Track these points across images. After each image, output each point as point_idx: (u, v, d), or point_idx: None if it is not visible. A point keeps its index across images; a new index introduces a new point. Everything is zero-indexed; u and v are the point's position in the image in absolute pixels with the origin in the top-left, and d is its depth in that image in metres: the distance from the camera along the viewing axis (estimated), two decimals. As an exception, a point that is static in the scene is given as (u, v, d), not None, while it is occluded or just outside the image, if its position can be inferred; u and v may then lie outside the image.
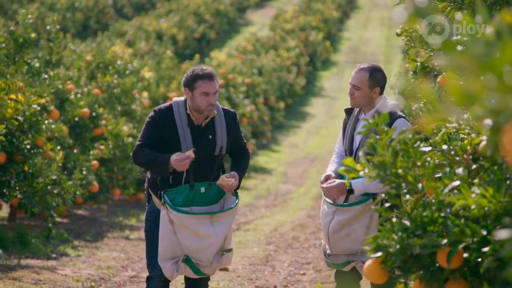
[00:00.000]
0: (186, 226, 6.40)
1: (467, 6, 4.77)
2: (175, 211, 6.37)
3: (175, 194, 6.45)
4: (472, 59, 2.31)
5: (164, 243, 6.45)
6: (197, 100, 6.50)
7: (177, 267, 6.48)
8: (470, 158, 3.84)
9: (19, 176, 10.71)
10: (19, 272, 9.65)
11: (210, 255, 6.50)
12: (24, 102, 10.37)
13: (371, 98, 6.35)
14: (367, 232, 6.15)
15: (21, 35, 12.64)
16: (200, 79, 6.52)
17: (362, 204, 6.17)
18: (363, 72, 6.37)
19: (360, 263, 6.22)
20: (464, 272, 3.71)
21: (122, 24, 40.87)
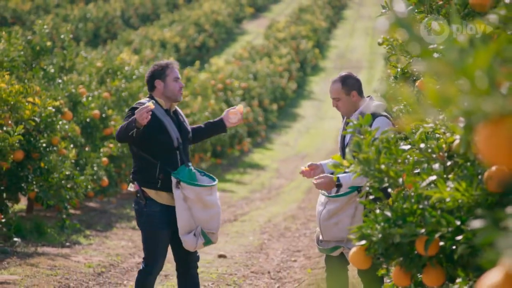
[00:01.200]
0: (200, 199, 6.55)
1: (443, 16, 4.77)
2: (193, 185, 6.52)
3: (179, 174, 6.55)
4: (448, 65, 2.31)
5: (182, 220, 6.55)
6: (171, 86, 6.74)
7: (197, 238, 6.60)
8: (445, 155, 3.84)
9: (36, 172, 10.71)
10: (36, 259, 9.65)
11: (218, 222, 6.74)
12: (40, 105, 10.36)
13: (353, 103, 6.47)
14: (352, 222, 6.21)
15: (38, 43, 12.63)
16: (168, 67, 6.77)
17: (348, 196, 6.23)
18: (336, 84, 6.52)
19: (347, 250, 6.26)
20: (440, 258, 3.72)
21: (129, 34, 40.82)
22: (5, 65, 10.83)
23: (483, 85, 2.27)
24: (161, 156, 6.58)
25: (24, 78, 11.44)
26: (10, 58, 11.01)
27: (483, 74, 2.26)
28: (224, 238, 12.36)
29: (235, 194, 18.85)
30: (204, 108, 22.08)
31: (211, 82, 25.11)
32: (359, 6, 60.87)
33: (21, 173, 10.60)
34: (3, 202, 10.63)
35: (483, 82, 2.27)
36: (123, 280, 9.21)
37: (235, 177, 21.91)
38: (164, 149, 6.59)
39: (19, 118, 10.05)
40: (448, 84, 2.33)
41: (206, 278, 9.24)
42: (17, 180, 10.58)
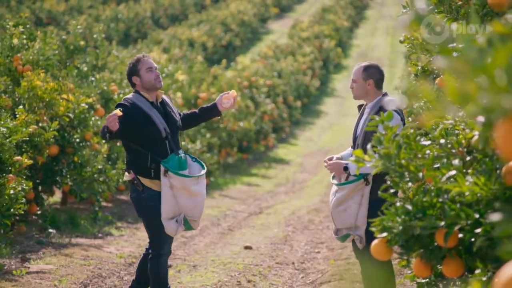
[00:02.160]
0: (185, 188, 6.62)
1: (462, 16, 4.75)
2: (179, 176, 6.59)
3: (168, 163, 6.62)
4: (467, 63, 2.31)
5: (166, 206, 6.64)
6: (146, 77, 6.78)
7: (179, 224, 6.68)
8: (465, 150, 3.83)
9: (70, 166, 10.78)
10: (70, 249, 9.71)
11: (200, 211, 6.79)
12: (74, 101, 10.43)
13: (366, 90, 6.55)
14: (359, 209, 6.31)
15: (72, 43, 12.71)
16: (139, 61, 6.82)
17: (354, 183, 6.32)
18: (359, 67, 6.66)
19: (357, 236, 6.34)
20: (459, 250, 3.71)
21: (159, 33, 40.92)
22: (40, 64, 10.89)
23: (502, 82, 2.26)
24: (151, 147, 6.67)
25: (58, 76, 11.51)
26: (45, 57, 11.08)
27: (502, 72, 2.26)
28: (250, 230, 12.38)
29: (261, 187, 18.86)
30: (231, 105, 22.07)
31: (237, 80, 25.12)
32: (381, 6, 60.61)
33: (56, 167, 10.67)
34: (39, 195, 10.71)
35: (502, 80, 2.26)
36: (153, 270, 9.24)
37: (260, 172, 21.92)
38: (153, 141, 6.68)
39: (54, 114, 10.12)
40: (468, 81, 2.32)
41: (232, 268, 9.26)
42: (52, 174, 10.65)
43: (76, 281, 8.21)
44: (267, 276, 8.98)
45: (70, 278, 8.27)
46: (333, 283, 8.42)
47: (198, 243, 11.11)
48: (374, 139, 3.90)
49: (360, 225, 6.36)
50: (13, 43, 10.81)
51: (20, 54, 10.72)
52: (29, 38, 11.43)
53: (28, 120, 8.95)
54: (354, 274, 8.59)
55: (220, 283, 8.45)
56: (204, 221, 13.25)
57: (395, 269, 8.21)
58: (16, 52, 10.76)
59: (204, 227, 12.62)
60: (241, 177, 20.58)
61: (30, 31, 11.65)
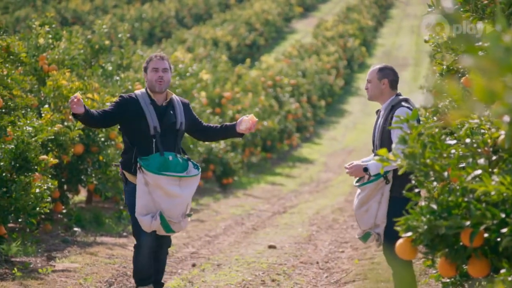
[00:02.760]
0: (160, 186, 6.66)
1: (488, 16, 4.73)
2: (150, 172, 6.63)
3: (148, 161, 6.69)
4: (493, 62, 2.30)
5: (141, 201, 6.72)
6: (149, 76, 6.89)
7: (153, 220, 6.73)
8: (491, 150, 3.81)
9: (95, 165, 10.84)
10: (95, 248, 9.76)
11: (179, 213, 6.79)
12: (99, 101, 10.47)
13: (381, 90, 6.60)
14: (379, 207, 6.36)
15: (97, 42, 12.78)
16: (151, 60, 6.93)
17: (375, 182, 6.37)
18: (374, 69, 6.70)
19: (376, 235, 6.40)
20: (485, 250, 3.70)
21: (183, 33, 41.02)
22: (66, 63, 10.96)
23: (529, 81, 2.25)
24: (138, 142, 6.79)
25: (83, 75, 11.58)
26: (70, 57, 11.15)
27: (529, 71, 2.25)
28: (274, 230, 12.38)
29: (285, 187, 18.86)
30: (255, 104, 22.13)
31: (261, 79, 25.14)
32: (405, 5, 60.35)
33: (81, 166, 10.73)
34: (64, 194, 10.77)
35: (529, 79, 2.25)
36: (177, 269, 9.28)
37: (284, 171, 21.91)
38: (140, 136, 6.78)
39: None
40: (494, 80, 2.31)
41: (257, 267, 9.27)
42: (77, 173, 10.71)
43: (101, 279, 8.25)
44: (291, 276, 8.97)
45: (95, 276, 8.32)
46: (357, 282, 8.40)
47: (222, 242, 11.13)
48: (399, 139, 3.89)
49: (379, 223, 6.39)
50: (39, 43, 10.89)
51: (46, 54, 10.79)
52: (54, 37, 11.51)
53: (53, 119, 9.01)
54: (379, 274, 8.57)
55: (244, 282, 8.45)
56: (228, 220, 13.27)
57: (420, 268, 8.19)
58: (42, 51, 10.84)
59: (228, 226, 12.64)
60: (265, 176, 20.59)
61: (55, 31, 11.73)
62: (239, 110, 20.72)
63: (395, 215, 4.45)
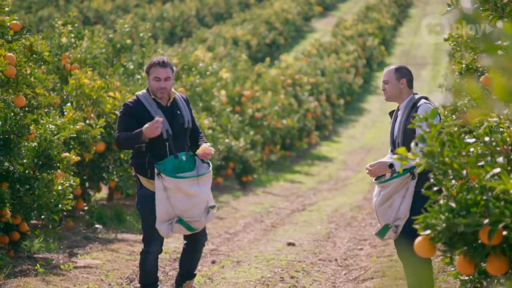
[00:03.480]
0: (180, 189, 6.62)
1: (508, 14, 4.70)
2: (171, 177, 6.60)
3: (164, 165, 6.65)
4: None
5: (160, 208, 6.68)
6: (151, 84, 6.81)
7: (171, 228, 6.71)
8: (509, 148, 3.79)
9: (116, 163, 10.87)
10: (116, 244, 9.80)
11: (199, 211, 6.75)
12: (120, 99, 10.51)
13: (400, 90, 6.60)
14: (402, 201, 6.38)
15: (118, 41, 12.82)
16: (153, 66, 6.80)
17: (401, 177, 6.37)
18: (390, 69, 6.68)
19: (394, 228, 6.41)
20: (504, 248, 3.68)
21: (204, 32, 41.08)
22: (88, 62, 11.01)
23: (548, 80, 2.24)
24: (151, 147, 6.72)
25: (105, 74, 11.62)
26: (92, 55, 11.19)
27: (548, 70, 2.23)
28: (293, 227, 12.37)
29: (304, 184, 18.84)
30: (274, 103, 22.13)
31: (281, 78, 25.14)
32: (425, 5, 60.10)
33: (103, 163, 10.77)
34: (86, 191, 10.82)
35: (548, 77, 2.23)
36: (197, 266, 9.29)
37: (303, 169, 21.90)
38: (153, 140, 6.71)
39: (101, 111, 10.22)
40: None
41: (276, 264, 9.27)
42: (99, 171, 10.75)
43: (122, 276, 8.28)
44: (310, 273, 8.97)
45: (116, 273, 8.35)
46: (376, 280, 8.38)
47: (241, 239, 11.13)
48: (418, 137, 3.88)
49: (401, 216, 6.39)
50: (61, 42, 10.94)
51: (68, 53, 10.84)
52: (77, 37, 11.56)
53: (75, 118, 9.05)
54: (397, 271, 8.54)
55: (263, 279, 8.45)
56: (247, 218, 13.27)
57: (438, 266, 8.16)
58: (64, 50, 10.89)
59: (248, 224, 12.65)
60: (284, 174, 20.58)
61: (78, 30, 11.78)
62: (259, 109, 20.73)
63: (419, 210, 4.44)
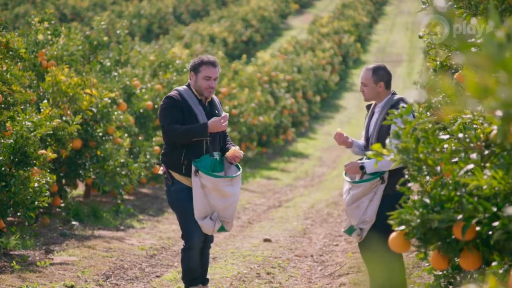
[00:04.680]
0: (217, 188, 6.62)
1: (481, 12, 4.73)
2: (210, 176, 6.60)
3: (200, 163, 6.63)
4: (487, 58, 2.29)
5: (198, 204, 6.66)
6: (200, 82, 6.75)
7: (215, 222, 6.71)
8: (483, 145, 3.81)
9: (93, 160, 10.82)
10: (92, 241, 9.76)
11: (233, 211, 6.81)
12: (97, 96, 10.47)
13: (377, 92, 6.63)
14: (369, 205, 6.43)
15: (95, 38, 12.75)
16: (204, 64, 6.77)
17: (370, 182, 6.42)
18: (367, 71, 6.67)
19: (358, 230, 6.48)
20: (477, 243, 3.70)
21: (181, 29, 40.95)
22: (64, 59, 10.95)
23: (520, 77, 2.25)
24: (188, 144, 6.68)
25: (82, 71, 11.56)
26: (69, 52, 11.13)
27: (520, 67, 2.24)
28: (269, 223, 12.38)
29: (280, 181, 18.86)
30: (251, 100, 22.12)
31: (258, 75, 25.12)
32: (399, 2, 60.34)
33: (79, 160, 10.71)
34: (63, 188, 10.76)
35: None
36: (174, 262, 9.27)
37: (279, 165, 21.91)
38: None
39: (77, 108, 10.17)
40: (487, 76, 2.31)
41: (252, 260, 9.27)
42: (76, 167, 10.70)
43: (99, 272, 8.25)
44: (286, 269, 8.97)
45: (93, 269, 8.31)
46: (351, 275, 8.41)
47: (218, 235, 11.12)
48: (392, 134, 3.89)
49: (367, 220, 6.44)
50: (38, 39, 10.87)
51: (45, 50, 10.78)
52: (53, 34, 11.49)
53: (52, 114, 9.00)
54: (372, 267, 8.57)
55: (240, 275, 8.45)
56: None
57: (413, 261, 8.20)
58: (41, 47, 10.82)
59: (225, 220, 12.64)
60: (260, 170, 20.58)
61: (54, 27, 11.71)
62: (236, 106, 20.72)
63: (387, 211, 4.46)
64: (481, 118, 3.98)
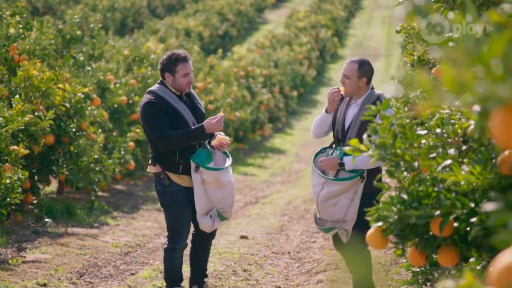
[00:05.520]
0: (216, 181, 6.64)
1: (458, 6, 4.75)
2: (211, 170, 6.62)
3: (197, 158, 6.64)
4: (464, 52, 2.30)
5: (200, 202, 6.66)
6: (179, 81, 6.71)
7: (213, 220, 6.72)
8: (461, 140, 3.83)
9: (66, 156, 10.77)
10: (66, 238, 9.71)
11: (230, 200, 6.85)
12: (70, 91, 10.41)
13: (359, 87, 6.58)
14: (350, 204, 6.36)
15: (68, 32, 12.67)
16: (180, 62, 6.70)
17: (352, 180, 6.39)
18: (353, 64, 6.61)
19: (342, 230, 6.44)
20: (455, 239, 3.72)
21: (155, 23, 40.81)
22: (37, 53, 10.87)
23: (498, 71, 2.26)
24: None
25: (55, 65, 11.48)
26: (41, 47, 11.06)
27: (498, 61, 2.25)
28: (245, 220, 12.38)
29: (257, 177, 18.87)
30: (227, 95, 22.10)
31: (234, 70, 25.10)
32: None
33: (52, 156, 10.66)
34: (35, 185, 10.70)
35: (498, 69, 2.26)
36: (149, 260, 9.25)
37: (256, 161, 21.92)
38: None
39: (50, 103, 10.10)
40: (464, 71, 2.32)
41: (228, 257, 9.27)
42: (48, 164, 10.64)
43: (72, 270, 8.21)
44: (262, 266, 8.98)
45: (66, 267, 8.28)
46: (329, 272, 8.43)
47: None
48: (370, 129, 3.90)
49: (348, 219, 6.42)
50: (9, 33, 10.78)
51: (17, 44, 10.69)
52: (25, 27, 11.40)
53: (24, 110, 8.93)
54: (350, 264, 8.59)
55: (216, 272, 8.45)
56: (200, 211, 13.25)
57: (390, 258, 8.24)
58: (13, 41, 10.73)
59: (200, 217, 12.62)
60: (237, 166, 20.58)
61: (26, 21, 11.62)
62: (212, 101, 20.69)
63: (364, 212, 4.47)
64: (458, 113, 4.00)
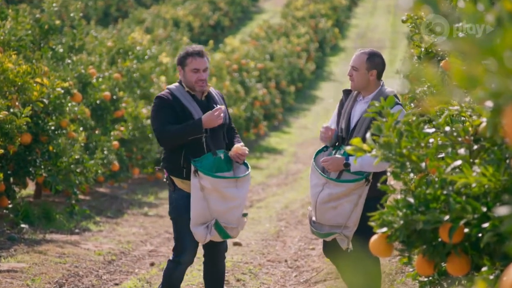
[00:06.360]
0: (217, 190, 6.54)
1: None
2: (210, 176, 6.52)
3: (201, 162, 6.56)
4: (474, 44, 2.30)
5: (196, 209, 6.58)
6: (188, 76, 6.71)
7: (209, 231, 6.61)
8: (472, 139, 3.83)
9: (44, 156, 10.76)
10: (44, 246, 9.70)
11: (236, 217, 6.70)
12: (49, 86, 10.40)
13: (368, 81, 6.48)
14: (353, 209, 6.30)
15: (46, 22, 12.67)
16: (190, 56, 6.71)
17: (355, 183, 6.32)
18: (362, 55, 6.53)
19: (342, 236, 6.36)
20: (465, 246, 3.72)
21: (141, 12, 40.80)
22: (12, 45, 10.86)
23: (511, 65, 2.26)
24: (186, 144, 6.63)
25: (32, 58, 11.48)
26: (17, 38, 11.05)
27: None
28: (239, 225, 12.38)
29: (251, 179, 18.85)
30: (219, 90, 22.10)
31: (226, 63, 25.10)
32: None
33: (29, 157, 10.65)
34: (10, 187, 10.69)
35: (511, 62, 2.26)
36: (134, 269, 9.25)
37: (251, 162, 21.94)
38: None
39: (27, 99, 10.09)
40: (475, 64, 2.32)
41: (220, 266, 9.27)
42: (25, 164, 10.63)
43: (51, 280, 8.21)
44: (257, 275, 8.99)
45: (44, 277, 8.27)
46: (329, 282, 8.44)
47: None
48: (373, 127, 3.89)
49: (350, 225, 6.37)
50: (-18, 22, 10.77)
51: (-10, 34, 10.68)
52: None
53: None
54: (352, 273, 8.60)
55: (207, 282, 8.44)
56: (189, 216, 13.25)
57: (396, 267, 8.24)
58: (-14, 32, 10.73)
59: (190, 222, 12.62)
60: (230, 168, 20.59)
61: (0, 9, 11.61)
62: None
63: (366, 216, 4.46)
64: (469, 109, 4.01)
